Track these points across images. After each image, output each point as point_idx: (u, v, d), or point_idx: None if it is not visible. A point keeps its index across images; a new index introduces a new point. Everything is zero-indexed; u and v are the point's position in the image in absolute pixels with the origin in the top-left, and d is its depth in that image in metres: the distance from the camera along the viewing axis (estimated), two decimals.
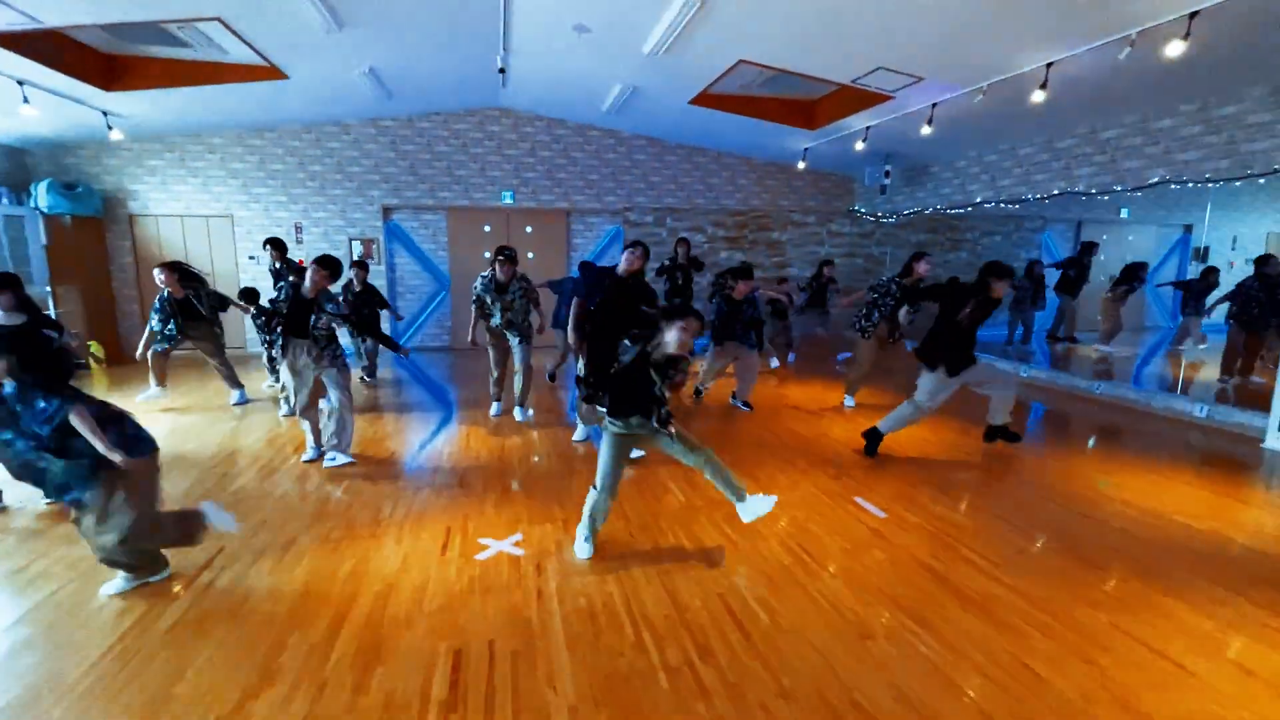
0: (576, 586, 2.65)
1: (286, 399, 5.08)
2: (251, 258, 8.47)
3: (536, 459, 4.34)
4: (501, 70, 6.69)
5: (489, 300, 5.00)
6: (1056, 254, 12.28)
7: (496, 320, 5.05)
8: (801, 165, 9.05)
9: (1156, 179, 5.81)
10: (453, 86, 7.66)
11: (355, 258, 8.09)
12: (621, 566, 2.81)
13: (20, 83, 5.45)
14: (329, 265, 3.93)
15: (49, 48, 5.18)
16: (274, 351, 4.77)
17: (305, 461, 4.17)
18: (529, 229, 9.31)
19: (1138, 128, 6.01)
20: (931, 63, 5.37)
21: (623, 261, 4.07)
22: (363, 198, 8.74)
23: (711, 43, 5.55)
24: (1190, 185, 5.65)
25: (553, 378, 6.91)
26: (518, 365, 5.17)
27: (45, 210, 7.26)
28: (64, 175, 7.79)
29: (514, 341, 5.13)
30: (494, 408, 5.41)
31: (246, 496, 3.60)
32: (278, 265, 6.41)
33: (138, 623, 2.37)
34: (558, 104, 8.55)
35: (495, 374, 5.34)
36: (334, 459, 4.08)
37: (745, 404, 5.75)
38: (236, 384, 5.87)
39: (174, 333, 5.44)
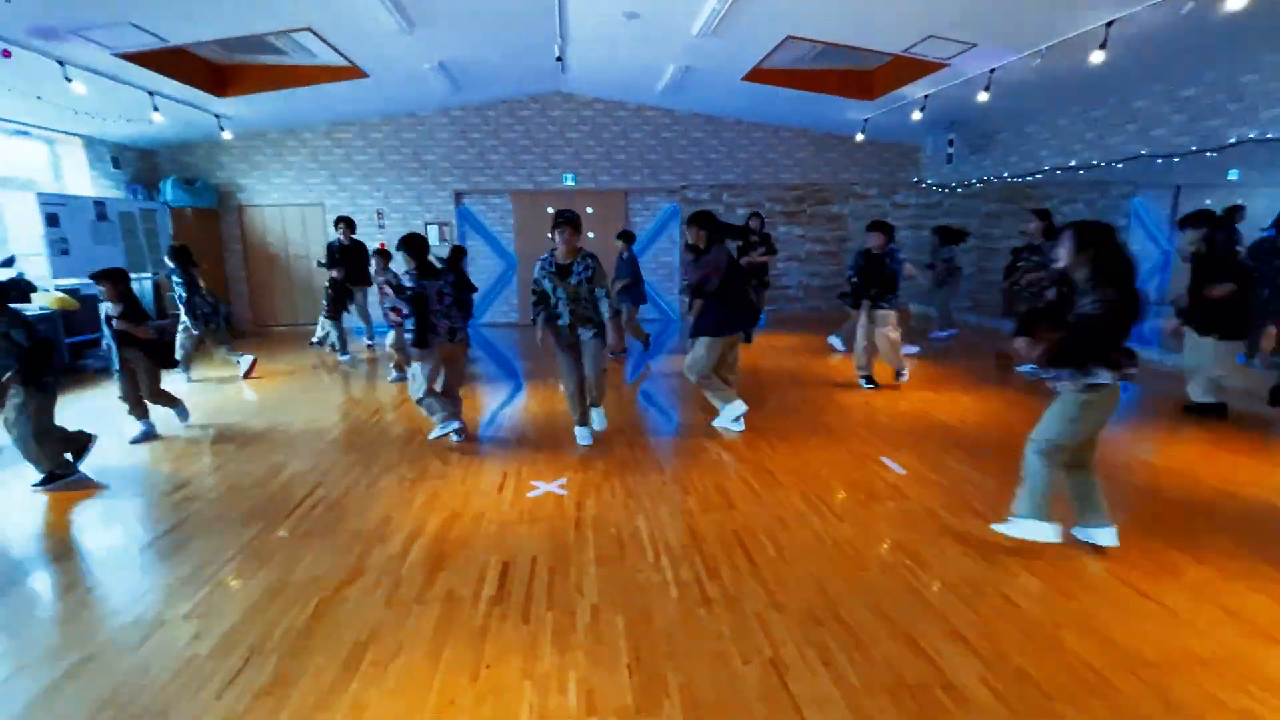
0: (609, 519, 3.04)
1: (397, 366, 5.79)
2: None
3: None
4: (559, 58, 7.06)
5: (551, 290, 3.94)
6: (1149, 223, 11.49)
7: (565, 319, 3.96)
8: (860, 137, 8.95)
9: (1234, 139, 5.48)
10: (516, 75, 8.11)
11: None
12: (651, 507, 3.18)
13: (151, 93, 6.32)
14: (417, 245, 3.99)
15: (172, 62, 5.98)
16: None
17: (432, 438, 4.23)
18: (590, 209, 9.71)
19: (1220, 84, 5.66)
20: (982, 28, 5.29)
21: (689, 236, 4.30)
22: (436, 184, 9.41)
23: (758, 21, 5.68)
24: None
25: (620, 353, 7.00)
26: (589, 368, 4.06)
27: (171, 204, 8.32)
28: (184, 173, 8.87)
29: (585, 336, 4.00)
30: (580, 434, 4.16)
31: (338, 443, 4.23)
32: (344, 242, 7.09)
33: (260, 531, 2.97)
34: (615, 86, 8.85)
35: (569, 387, 4.13)
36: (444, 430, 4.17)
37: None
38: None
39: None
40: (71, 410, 4.97)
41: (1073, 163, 7.23)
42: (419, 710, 1.83)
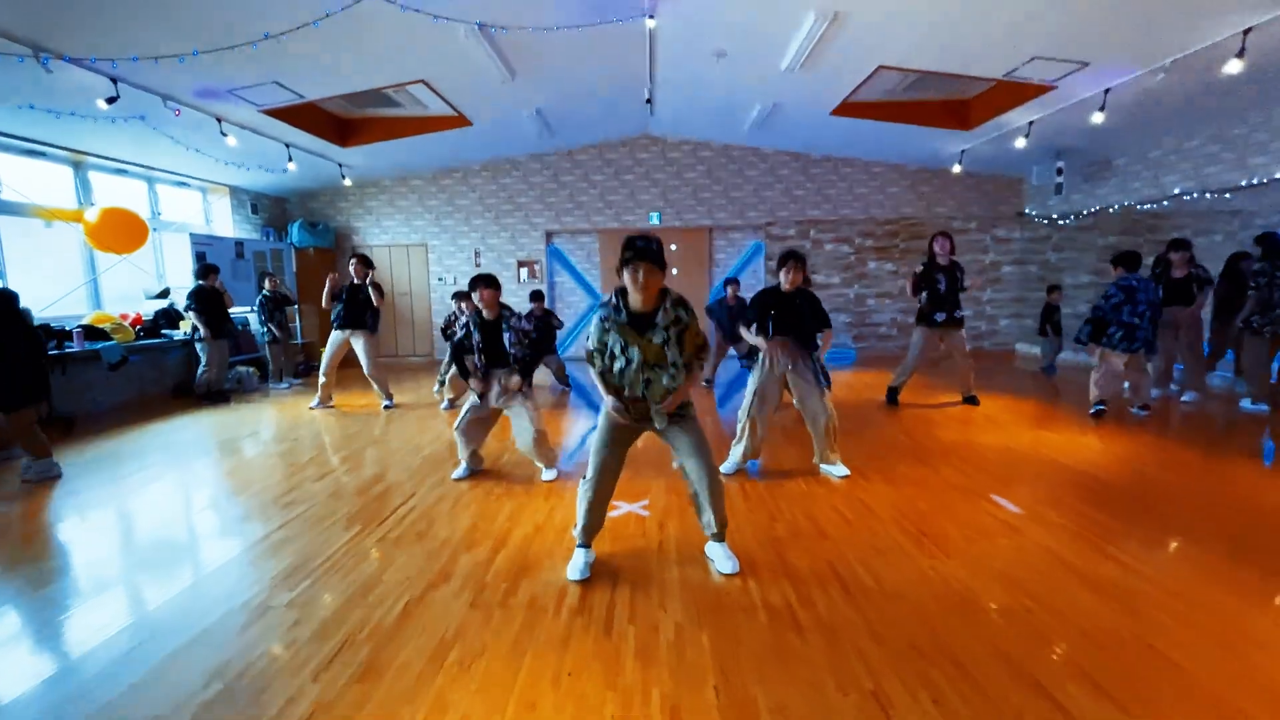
0: (693, 541, 2.94)
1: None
2: (440, 279, 9.96)
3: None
4: (648, 100, 7.34)
5: (619, 349, 2.54)
6: None
7: (633, 390, 2.58)
8: (957, 169, 8.64)
9: None
10: (605, 119, 8.49)
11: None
12: (735, 530, 3.05)
13: (287, 145, 7.10)
14: (493, 284, 3.74)
15: (305, 117, 6.73)
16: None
17: (455, 479, 3.94)
18: (674, 246, 9.86)
19: None
20: (1095, 45, 5.00)
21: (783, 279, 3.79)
22: (529, 224, 9.89)
23: (848, 52, 5.66)
24: None
25: (709, 382, 7.28)
26: (697, 470, 2.64)
27: (296, 244, 9.22)
28: (310, 217, 9.83)
29: (663, 426, 2.63)
30: (577, 562, 2.65)
31: (430, 460, 4.39)
32: (357, 281, 6.19)
33: (357, 535, 3.09)
34: (701, 127, 9.06)
35: (590, 492, 2.64)
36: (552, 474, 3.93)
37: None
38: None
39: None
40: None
41: (1210, 187, 6.59)
42: (500, 711, 1.79)
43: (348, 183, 8.69)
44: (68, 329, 5.87)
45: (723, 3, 4.92)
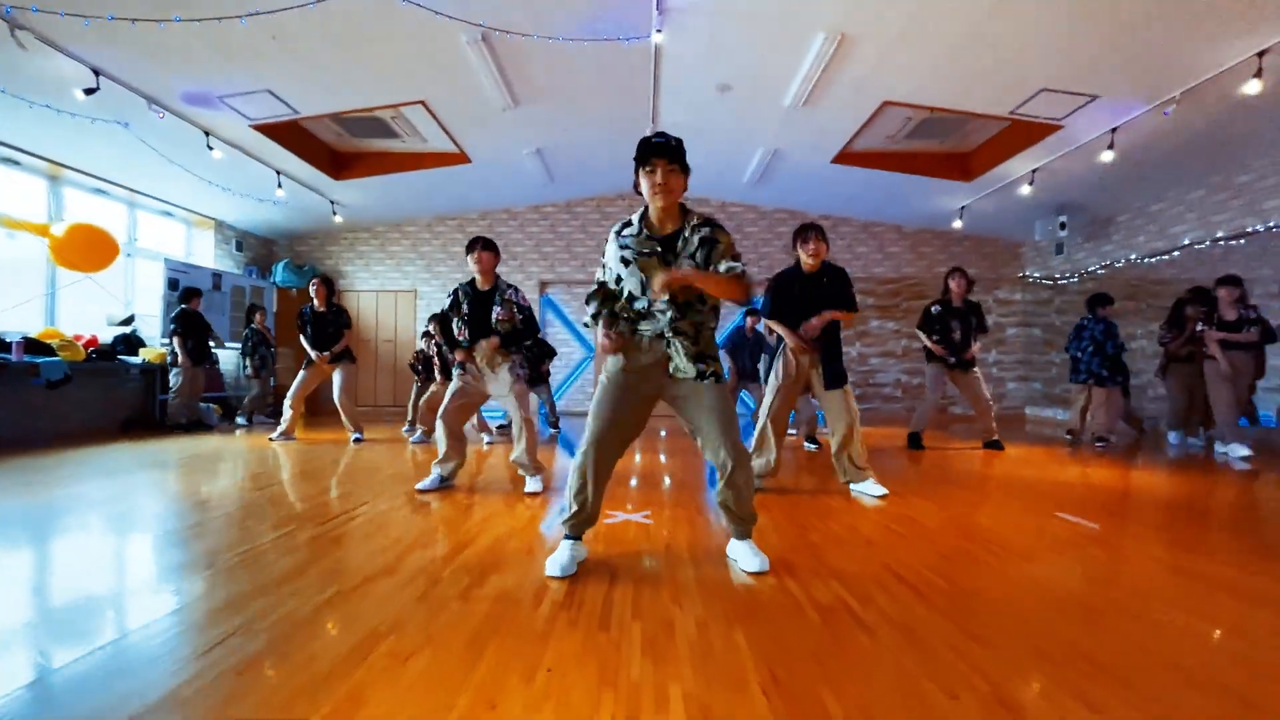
0: (707, 545, 2.35)
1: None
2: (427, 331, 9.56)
3: (667, 479, 4.13)
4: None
5: (630, 291, 2.08)
6: None
7: (650, 329, 2.10)
8: (957, 224, 8.58)
9: None
10: (606, 168, 8.44)
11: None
12: (762, 540, 2.46)
13: (278, 172, 6.90)
14: (491, 247, 3.46)
15: (298, 140, 6.56)
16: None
17: (420, 490, 3.35)
18: None
19: None
20: (1104, 75, 4.95)
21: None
22: (523, 274, 9.65)
23: (852, 87, 5.62)
24: None
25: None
26: (718, 447, 2.06)
27: (279, 284, 8.87)
28: (297, 259, 9.55)
29: (689, 375, 2.06)
30: (561, 555, 2.06)
31: (396, 476, 3.78)
32: (320, 308, 5.71)
33: (288, 532, 2.47)
34: (701, 180, 8.99)
35: (586, 472, 2.08)
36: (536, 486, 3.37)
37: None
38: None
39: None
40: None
41: (1220, 234, 6.46)
42: (443, 710, 1.18)
43: (338, 219, 8.46)
44: (5, 340, 5.33)
45: (730, 25, 4.87)
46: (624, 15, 4.66)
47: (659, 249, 2.01)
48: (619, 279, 2.09)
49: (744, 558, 2.08)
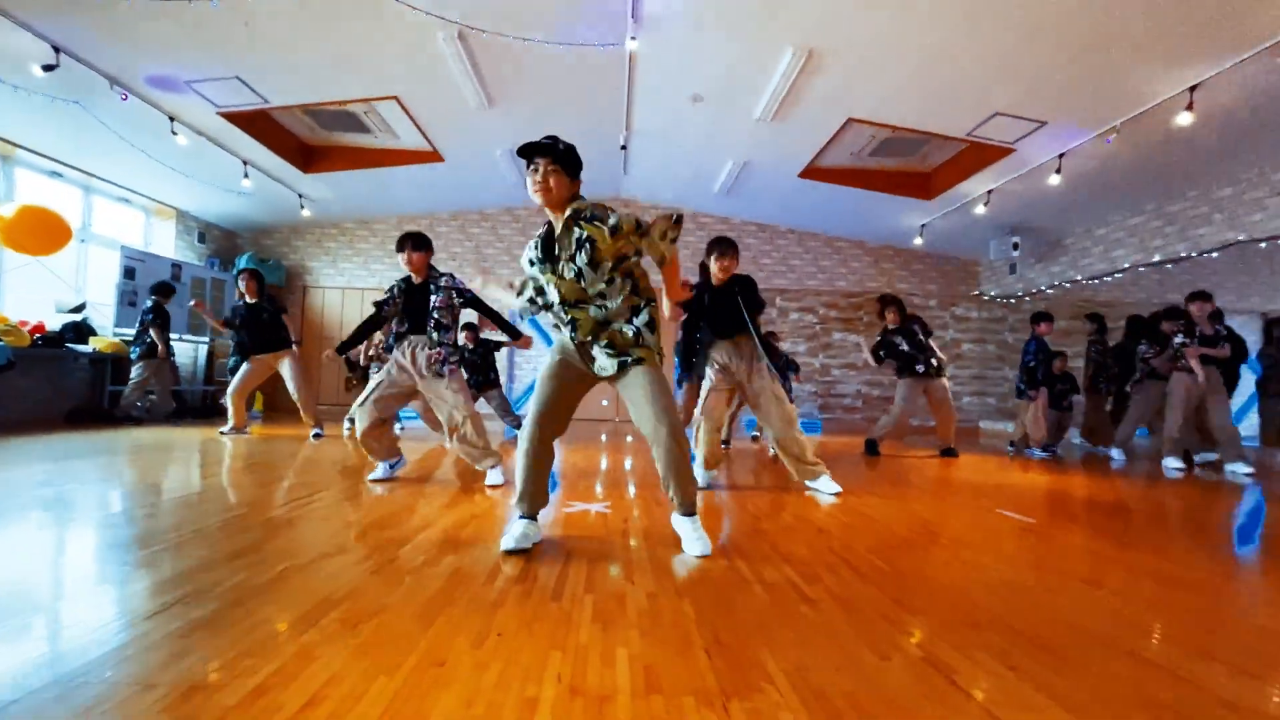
0: (663, 530, 2.40)
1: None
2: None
3: (628, 464, 4.17)
4: (624, 147, 7.39)
5: (541, 288, 2.19)
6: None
7: (574, 333, 2.16)
8: (918, 241, 8.88)
9: None
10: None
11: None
12: (715, 530, 2.53)
13: (245, 162, 6.78)
14: (422, 244, 3.46)
15: (266, 131, 6.46)
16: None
17: (372, 480, 3.34)
18: None
19: None
20: (1052, 101, 5.23)
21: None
22: (494, 275, 9.60)
23: (820, 102, 5.81)
24: None
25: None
26: (645, 425, 2.14)
27: None
28: (262, 253, 9.35)
29: (613, 367, 2.13)
30: (516, 531, 2.11)
31: (351, 469, 3.74)
32: (253, 301, 5.56)
33: (242, 515, 2.44)
34: (673, 190, 9.18)
35: (530, 452, 2.17)
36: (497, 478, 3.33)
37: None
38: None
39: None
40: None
41: (1156, 258, 6.84)
42: (391, 669, 1.20)
43: (306, 213, 8.33)
44: None
45: (702, 38, 5.01)
46: (600, 21, 4.76)
47: (542, 253, 2.09)
48: (534, 280, 2.20)
49: (687, 539, 2.14)
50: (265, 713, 1.03)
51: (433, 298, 3.38)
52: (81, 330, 6.45)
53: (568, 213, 2.05)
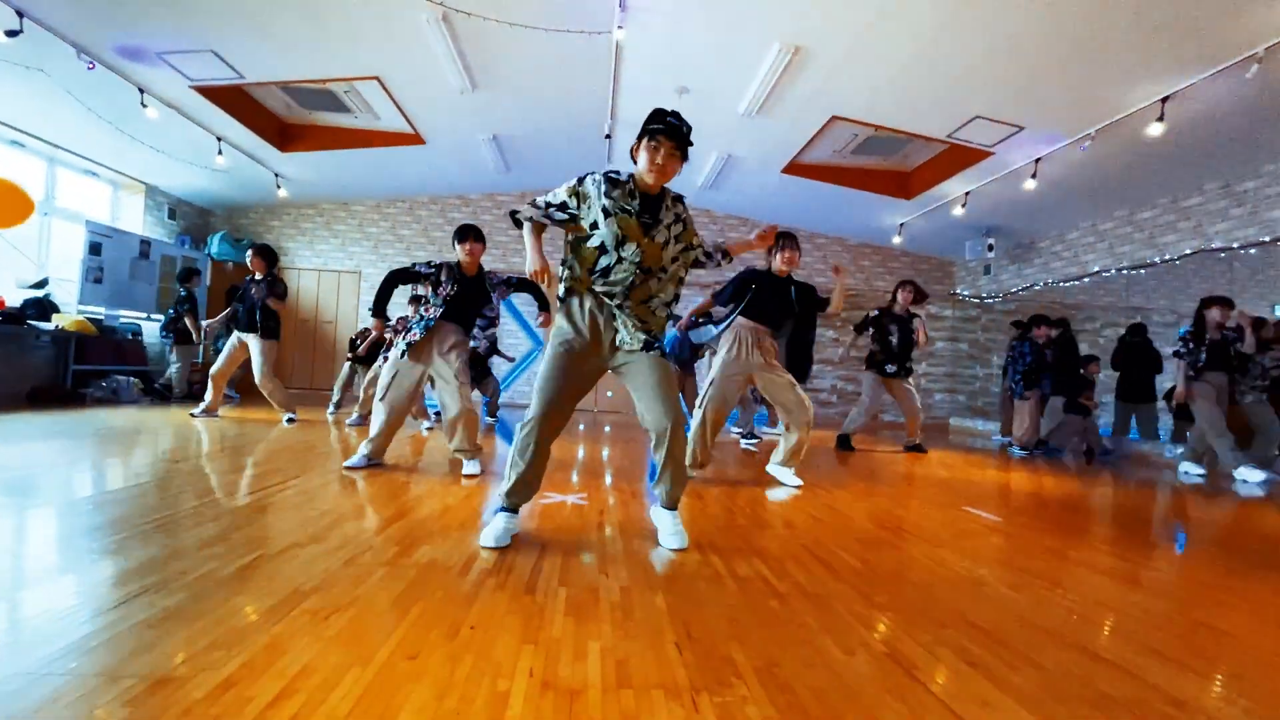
0: (639, 525, 2.42)
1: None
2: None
3: (606, 452, 4.19)
4: (608, 137, 7.34)
5: (602, 243, 2.08)
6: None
7: (613, 298, 2.14)
8: (897, 240, 9.00)
9: None
10: (562, 161, 8.45)
11: None
12: (692, 520, 2.56)
13: (219, 138, 6.60)
14: (483, 238, 3.45)
15: (242, 107, 6.29)
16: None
17: (347, 468, 3.28)
18: None
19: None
20: (1030, 107, 5.32)
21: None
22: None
23: (804, 99, 5.83)
24: None
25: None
26: (650, 414, 2.17)
27: (214, 256, 8.46)
28: (236, 233, 9.13)
29: (633, 347, 2.15)
30: (497, 526, 2.09)
31: (325, 455, 3.71)
32: (259, 278, 5.50)
33: (210, 501, 2.40)
34: None
35: (531, 447, 2.15)
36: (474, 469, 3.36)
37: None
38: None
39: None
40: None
41: (1124, 264, 7.03)
42: (363, 661, 1.21)
43: (283, 193, 8.15)
44: None
45: (690, 27, 4.99)
46: (586, 7, 4.71)
47: (638, 209, 2.05)
48: (595, 225, 2.05)
49: (666, 532, 2.16)
50: (235, 705, 1.03)
51: (492, 295, 3.45)
52: (44, 307, 6.25)
53: (670, 193, 2.11)
